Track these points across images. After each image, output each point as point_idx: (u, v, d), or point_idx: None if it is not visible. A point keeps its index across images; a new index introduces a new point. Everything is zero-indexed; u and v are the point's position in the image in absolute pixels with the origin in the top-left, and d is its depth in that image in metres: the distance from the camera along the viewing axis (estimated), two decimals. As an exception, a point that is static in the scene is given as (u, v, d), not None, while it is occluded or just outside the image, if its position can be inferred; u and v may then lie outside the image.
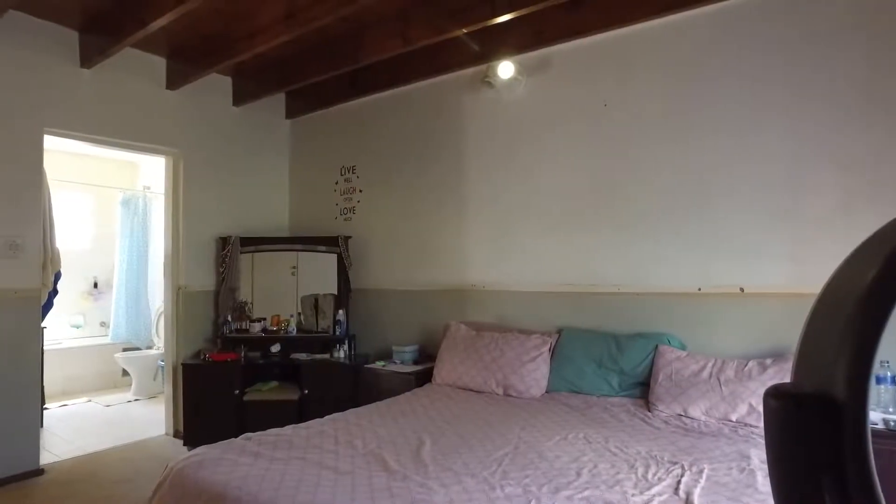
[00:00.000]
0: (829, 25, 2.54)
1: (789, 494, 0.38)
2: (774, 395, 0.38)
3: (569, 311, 3.28)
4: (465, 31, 3.13)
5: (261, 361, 4.03)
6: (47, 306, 3.98)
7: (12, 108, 3.29)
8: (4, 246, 3.26)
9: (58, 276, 4.09)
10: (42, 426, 3.78)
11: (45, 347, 3.82)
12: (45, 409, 4.38)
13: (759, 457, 1.96)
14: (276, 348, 4.10)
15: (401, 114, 4.18)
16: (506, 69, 3.42)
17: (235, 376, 3.81)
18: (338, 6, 2.87)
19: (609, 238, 3.16)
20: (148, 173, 6.16)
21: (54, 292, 4.11)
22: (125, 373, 5.61)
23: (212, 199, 4.31)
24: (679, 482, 1.79)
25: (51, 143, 3.52)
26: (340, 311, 4.08)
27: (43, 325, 3.68)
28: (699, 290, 2.84)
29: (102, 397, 5.37)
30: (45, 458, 3.52)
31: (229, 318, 4.14)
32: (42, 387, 3.77)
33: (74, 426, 4.43)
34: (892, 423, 2.03)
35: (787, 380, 0.40)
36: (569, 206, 3.33)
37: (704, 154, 2.86)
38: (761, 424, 2.03)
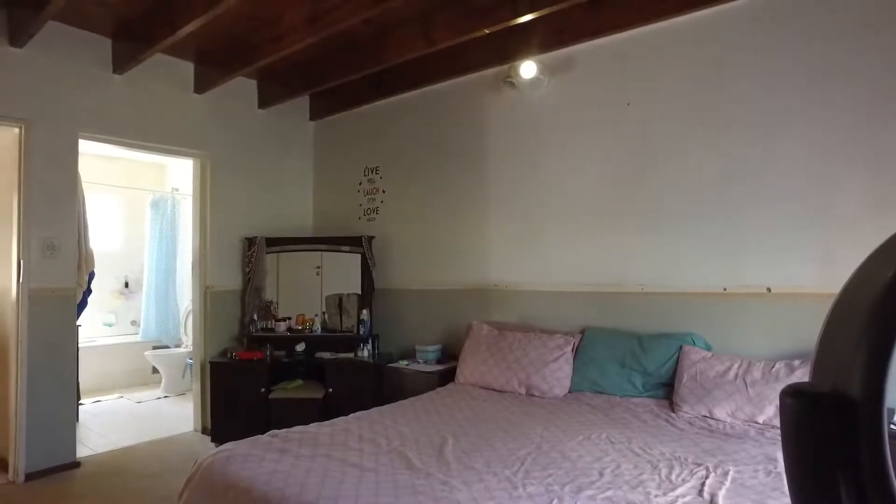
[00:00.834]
0: (859, 22, 2.48)
1: (806, 491, 0.39)
2: (791, 394, 0.39)
3: (592, 310, 3.26)
4: (487, 31, 3.14)
5: (286, 360, 4.09)
6: (82, 305, 4.11)
7: (50, 114, 3.40)
8: (43, 247, 3.37)
9: (92, 276, 4.23)
10: (78, 421, 3.90)
11: (79, 345, 3.94)
12: (81, 404, 4.52)
13: (786, 459, 1.93)
14: (300, 347, 4.16)
15: (424, 114, 4.21)
16: (528, 69, 3.42)
17: (261, 374, 3.88)
18: (361, 9, 2.90)
19: (633, 237, 3.14)
20: (176, 175, 6.31)
21: (88, 291, 4.24)
22: (155, 370, 5.75)
23: (238, 200, 4.39)
24: (703, 484, 1.77)
25: (84, 146, 3.63)
26: (364, 311, 4.12)
27: (78, 323, 3.80)
28: (725, 290, 2.81)
29: (134, 394, 5.51)
30: (81, 452, 3.64)
31: (255, 318, 4.22)
32: (77, 383, 3.89)
33: (107, 421, 4.56)
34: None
35: (813, 381, 0.41)
36: (592, 206, 3.31)
37: (730, 152, 2.82)
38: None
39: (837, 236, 2.51)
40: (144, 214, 6.07)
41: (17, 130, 3.33)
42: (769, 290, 2.68)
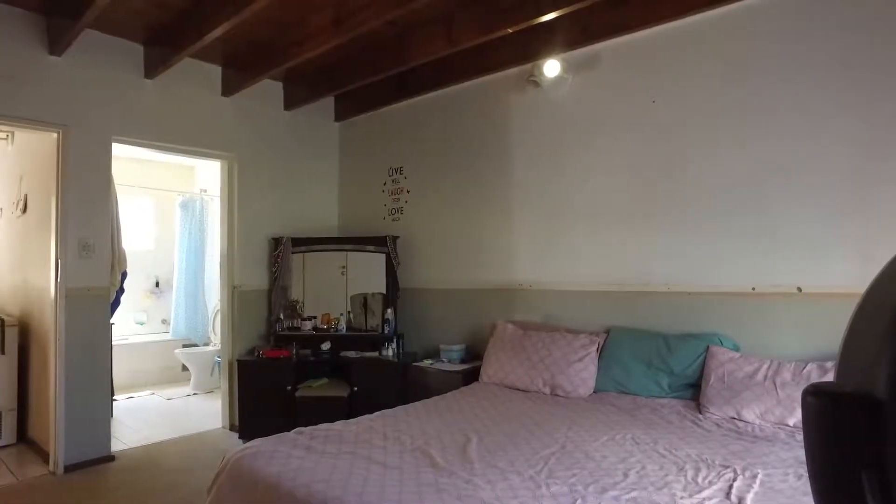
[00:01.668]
0: (894, 14, 2.41)
1: (830, 492, 0.39)
2: (813, 393, 0.38)
3: (617, 310, 3.23)
4: (510, 30, 3.13)
5: (312, 359, 4.14)
6: (115, 304, 4.22)
7: (86, 120, 3.51)
8: (79, 247, 3.48)
9: (124, 276, 4.34)
10: (112, 416, 4.02)
11: (113, 343, 4.05)
12: (115, 400, 4.64)
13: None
14: (326, 346, 4.21)
15: (447, 114, 4.22)
16: (552, 67, 3.40)
17: (288, 373, 3.94)
18: (384, 10, 2.93)
19: (658, 236, 3.10)
20: (204, 177, 6.44)
21: (121, 291, 4.36)
22: (185, 368, 5.88)
23: (264, 201, 4.47)
24: (731, 486, 1.75)
25: (116, 149, 3.73)
26: (389, 310, 4.15)
27: (111, 321, 3.91)
28: (753, 289, 2.75)
29: (164, 391, 5.65)
30: (116, 446, 3.75)
31: (281, 317, 4.28)
32: (111, 379, 4.00)
33: (140, 417, 4.68)
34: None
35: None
36: (617, 204, 3.28)
37: (759, 149, 2.76)
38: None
39: (875, 233, 2.44)
40: (174, 215, 6.22)
41: (55, 135, 3.44)
42: (800, 289, 2.62)
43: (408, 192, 4.48)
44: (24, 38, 3.29)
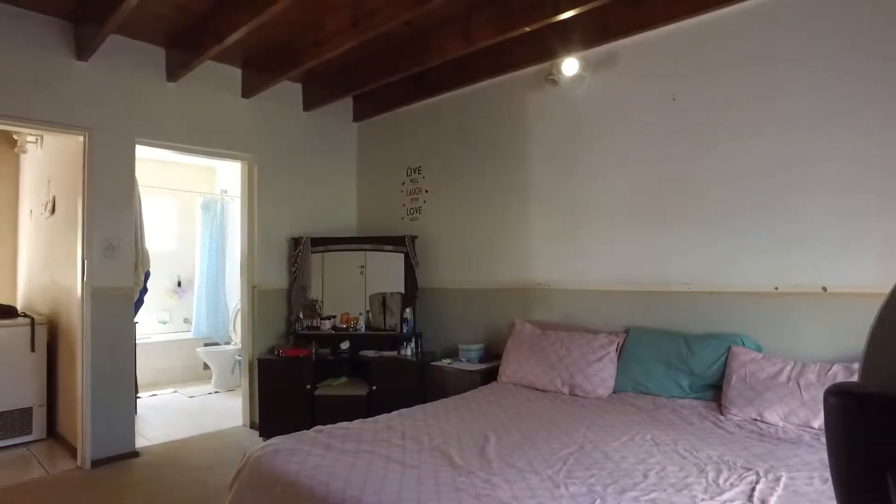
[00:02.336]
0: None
1: (853, 493, 0.38)
2: (836, 394, 0.38)
3: (636, 309, 3.21)
4: (528, 29, 3.12)
5: (331, 358, 4.17)
6: (138, 303, 4.30)
7: (111, 122, 3.59)
8: (104, 248, 3.56)
9: (147, 275, 4.42)
10: (136, 413, 4.10)
11: (136, 341, 4.13)
12: (138, 397, 4.73)
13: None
14: (345, 345, 4.24)
15: (465, 114, 4.22)
16: (570, 66, 3.38)
17: (307, 372, 3.97)
18: (402, 11, 2.94)
19: (679, 235, 3.07)
20: (225, 178, 6.52)
21: (145, 290, 4.44)
22: (206, 366, 5.96)
23: (284, 202, 4.51)
24: (753, 489, 1.72)
25: (139, 151, 3.80)
26: (407, 310, 4.17)
27: (135, 320, 3.98)
28: (776, 289, 2.71)
29: (186, 389, 5.74)
30: (140, 442, 3.83)
31: (301, 316, 4.32)
32: (135, 377, 4.08)
33: (162, 414, 4.77)
34: None
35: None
36: (636, 203, 3.25)
37: (782, 146, 2.71)
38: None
39: (901, 231, 2.38)
40: (195, 216, 6.31)
41: (81, 138, 3.52)
42: (825, 289, 2.57)
43: (426, 191, 4.49)
44: (54, 44, 3.38)
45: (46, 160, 4.46)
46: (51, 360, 4.07)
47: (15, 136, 4.83)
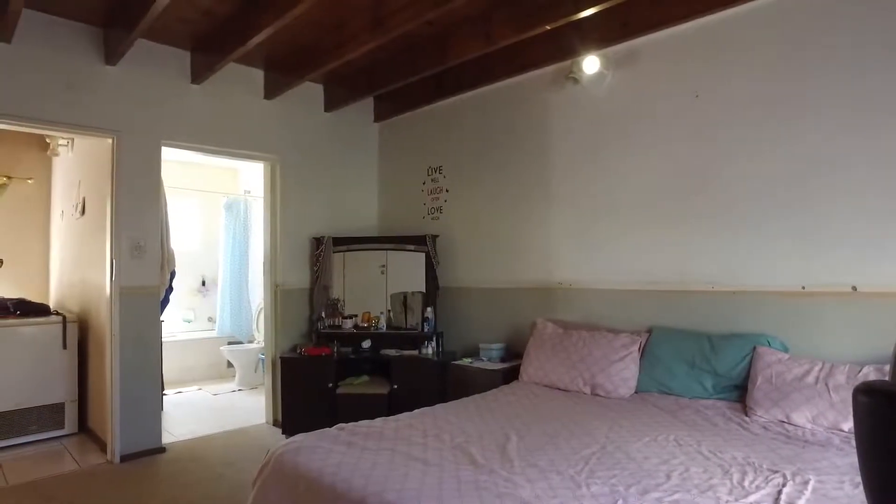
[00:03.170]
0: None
1: (882, 492, 0.38)
2: (865, 392, 0.37)
3: (659, 309, 3.17)
4: (548, 27, 3.11)
5: (352, 356, 4.21)
6: (164, 302, 4.38)
7: (138, 125, 3.67)
8: (132, 248, 3.64)
9: (173, 275, 4.51)
10: (162, 410, 4.18)
11: (162, 339, 4.21)
12: (164, 394, 4.82)
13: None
14: (366, 344, 4.26)
15: (486, 113, 4.21)
16: (591, 64, 3.36)
17: (329, 370, 4.01)
18: (423, 11, 2.95)
19: (702, 234, 3.02)
20: (248, 178, 6.61)
21: (170, 289, 4.53)
22: (230, 364, 6.06)
23: (306, 201, 4.56)
24: (780, 492, 1.69)
25: (165, 153, 3.88)
26: (428, 309, 4.18)
27: (161, 319, 4.06)
28: (803, 288, 2.65)
29: (211, 386, 5.84)
30: (166, 438, 3.91)
31: (323, 315, 4.36)
32: (162, 374, 4.17)
33: (188, 411, 4.86)
34: None
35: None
36: (659, 202, 3.21)
37: (810, 144, 2.66)
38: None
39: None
40: (219, 216, 6.41)
41: (110, 141, 3.61)
42: (855, 288, 2.51)
43: (447, 191, 4.50)
44: (84, 50, 3.47)
45: (77, 162, 4.57)
46: (81, 357, 4.18)
47: (47, 140, 4.97)
